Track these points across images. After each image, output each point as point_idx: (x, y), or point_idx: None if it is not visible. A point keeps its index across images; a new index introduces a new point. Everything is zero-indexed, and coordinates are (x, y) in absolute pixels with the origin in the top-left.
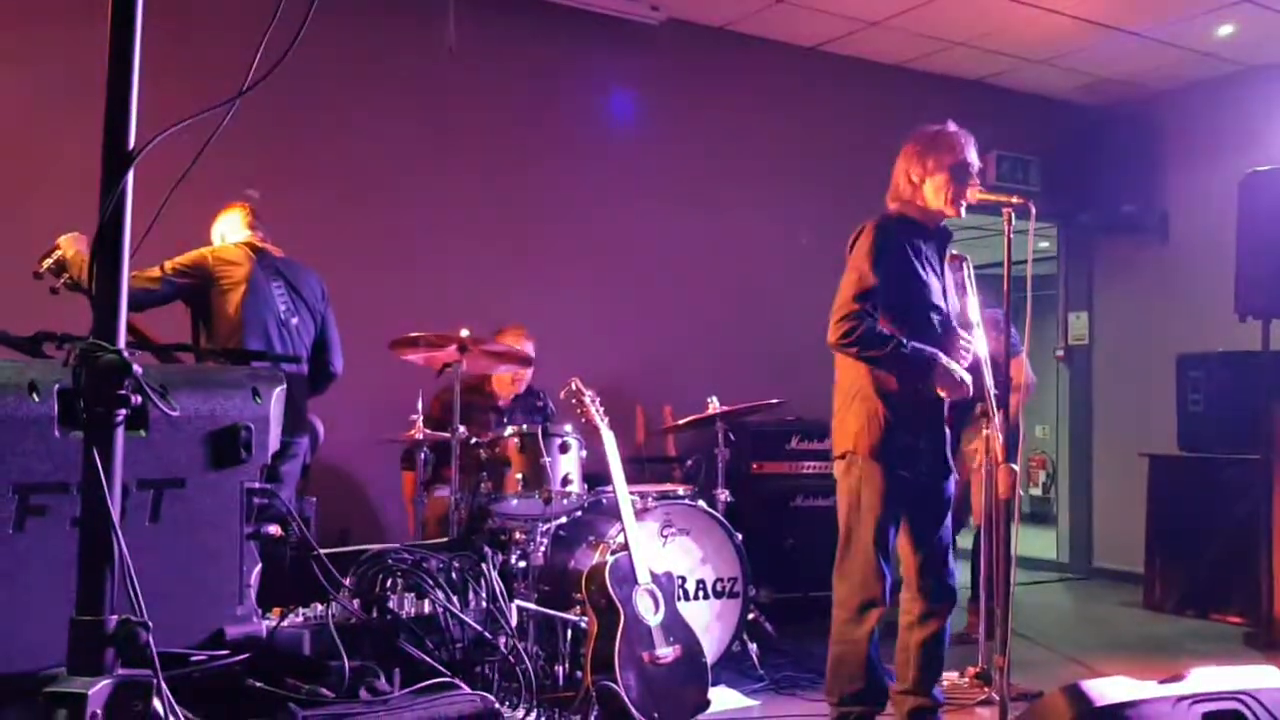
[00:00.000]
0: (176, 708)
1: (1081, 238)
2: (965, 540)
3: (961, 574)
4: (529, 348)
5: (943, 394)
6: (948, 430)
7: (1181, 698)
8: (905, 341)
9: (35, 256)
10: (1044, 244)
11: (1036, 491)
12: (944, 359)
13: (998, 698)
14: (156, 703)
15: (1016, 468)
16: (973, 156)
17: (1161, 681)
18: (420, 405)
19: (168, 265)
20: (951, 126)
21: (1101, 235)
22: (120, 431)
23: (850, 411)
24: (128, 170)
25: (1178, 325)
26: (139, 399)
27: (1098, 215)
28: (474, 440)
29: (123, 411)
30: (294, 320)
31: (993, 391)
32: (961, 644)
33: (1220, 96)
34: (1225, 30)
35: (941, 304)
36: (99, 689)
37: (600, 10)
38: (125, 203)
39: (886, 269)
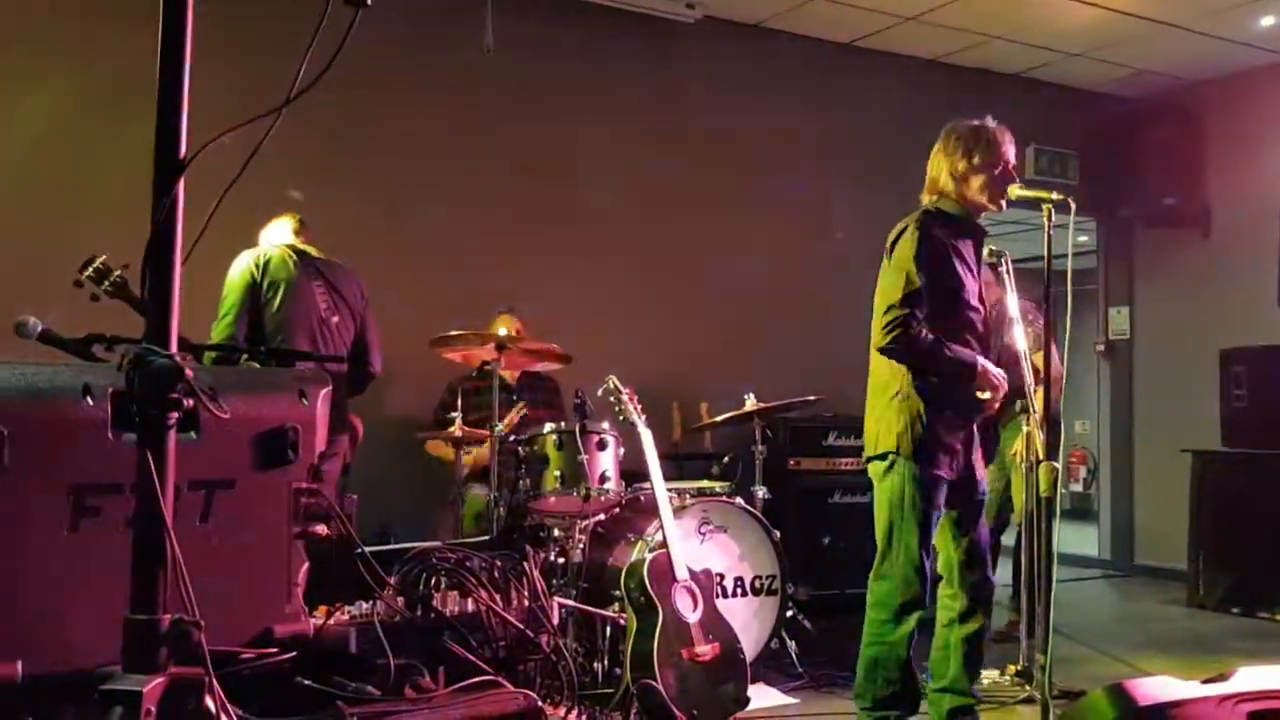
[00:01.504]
0: (227, 705)
1: (1122, 231)
2: (1008, 538)
3: (1003, 572)
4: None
5: (984, 396)
6: (974, 428)
7: (1226, 697)
8: (949, 345)
9: (81, 260)
10: (1083, 238)
11: (1077, 487)
12: (984, 362)
13: (1039, 696)
14: (208, 700)
15: (1058, 465)
16: (1012, 153)
17: (1205, 681)
18: (459, 403)
19: (228, 307)
20: (991, 122)
21: (1142, 229)
22: (173, 434)
23: (890, 411)
24: (179, 177)
25: (1220, 319)
26: (190, 402)
27: (1138, 209)
28: (513, 437)
29: (175, 414)
30: (335, 319)
31: (1031, 387)
32: (1003, 642)
33: (1261, 88)
34: (1267, 21)
35: (978, 304)
36: (153, 686)
37: (636, 8)
38: (177, 209)
39: (931, 270)
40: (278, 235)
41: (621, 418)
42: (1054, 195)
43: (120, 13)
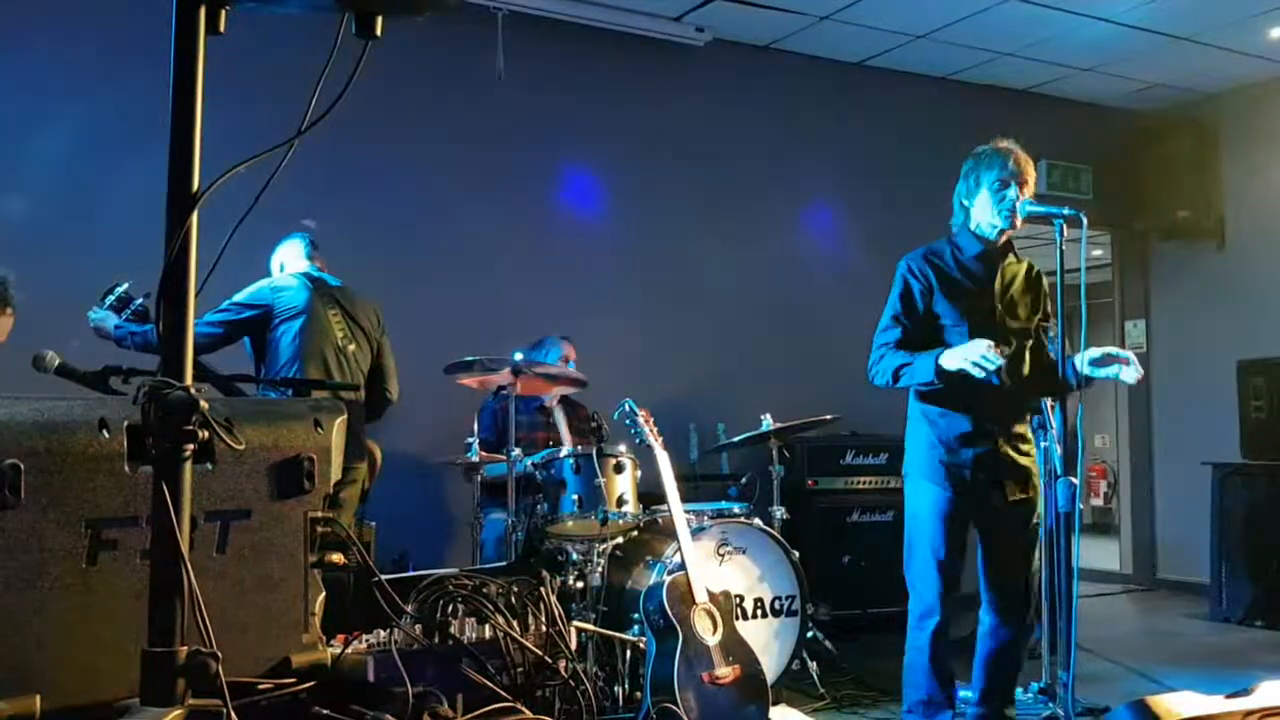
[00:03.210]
0: None
1: (1136, 244)
2: None
3: None
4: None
5: (970, 370)
6: (1008, 446)
7: (1250, 712)
8: (912, 355)
9: (97, 292)
10: (1098, 252)
11: (1098, 502)
12: (945, 351)
13: (1063, 713)
14: None
15: (1076, 480)
16: (1017, 166)
17: (1229, 696)
18: (476, 428)
19: (222, 315)
20: (1001, 143)
21: (1157, 241)
22: (188, 466)
23: (909, 431)
24: (192, 211)
25: (1238, 330)
26: (205, 433)
27: (1152, 221)
28: (530, 462)
29: (190, 446)
30: (351, 347)
31: (1048, 403)
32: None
33: (1274, 98)
34: (1277, 33)
35: (978, 320)
36: (171, 719)
37: (645, 33)
38: (190, 243)
39: (913, 304)
40: (290, 260)
41: (638, 440)
42: (1065, 210)
43: (134, 45)
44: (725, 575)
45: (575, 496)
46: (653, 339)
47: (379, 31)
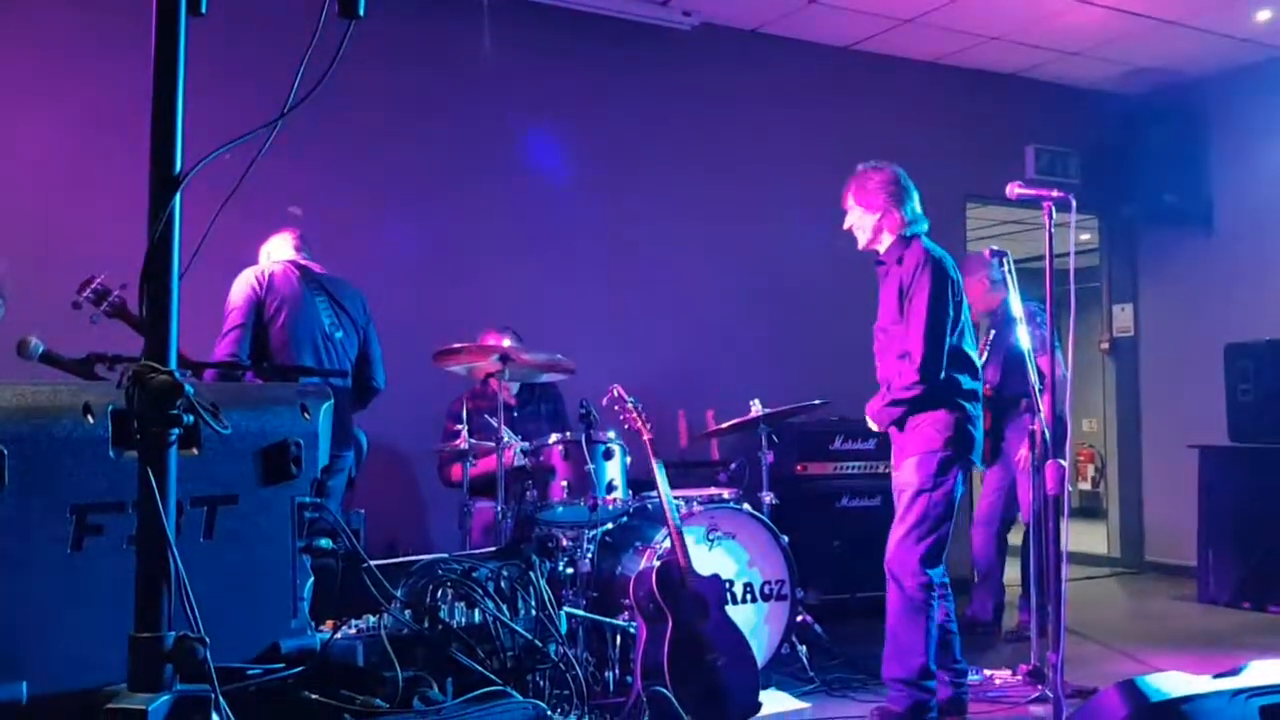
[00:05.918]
0: None
1: (1124, 229)
2: (1015, 537)
3: (1012, 572)
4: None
5: None
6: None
7: (1238, 691)
8: None
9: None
10: (1085, 236)
11: (1086, 486)
12: None
13: (1052, 695)
14: (215, 717)
15: (1064, 462)
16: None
17: (1216, 676)
18: (464, 416)
19: (231, 325)
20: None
21: (1145, 226)
22: (173, 451)
23: None
24: (175, 194)
25: (1225, 314)
26: (191, 418)
27: (1140, 206)
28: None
29: (175, 431)
30: (338, 334)
31: (1036, 387)
32: (1014, 641)
33: (1262, 82)
34: (1264, 15)
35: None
36: (159, 705)
37: (632, 18)
38: (173, 226)
39: None
40: (278, 248)
41: (627, 426)
42: (1053, 193)
43: (121, 27)
44: (715, 560)
45: (564, 483)
46: (641, 325)
47: (362, 11)
